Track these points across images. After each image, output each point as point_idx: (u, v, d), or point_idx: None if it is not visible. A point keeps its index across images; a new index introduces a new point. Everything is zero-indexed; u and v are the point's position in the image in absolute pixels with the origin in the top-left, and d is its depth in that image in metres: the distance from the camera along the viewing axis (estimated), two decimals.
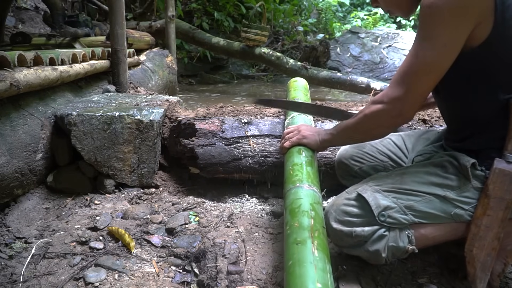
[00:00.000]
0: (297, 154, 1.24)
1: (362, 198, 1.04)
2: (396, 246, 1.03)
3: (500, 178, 0.97)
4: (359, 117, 1.10)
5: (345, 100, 5.14)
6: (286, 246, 0.91)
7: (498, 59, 0.93)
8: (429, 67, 0.94)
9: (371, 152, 1.32)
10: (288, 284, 0.79)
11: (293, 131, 1.35)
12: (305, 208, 0.98)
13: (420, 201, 1.02)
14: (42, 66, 1.66)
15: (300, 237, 0.87)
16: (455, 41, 0.90)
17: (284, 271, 0.84)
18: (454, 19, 0.88)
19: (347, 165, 1.35)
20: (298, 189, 1.08)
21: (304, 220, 0.93)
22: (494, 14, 0.87)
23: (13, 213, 1.48)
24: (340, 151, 1.42)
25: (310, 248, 0.83)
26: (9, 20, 4.70)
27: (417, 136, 1.32)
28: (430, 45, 0.92)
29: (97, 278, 1.12)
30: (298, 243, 0.85)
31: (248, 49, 4.99)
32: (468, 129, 1.04)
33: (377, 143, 1.34)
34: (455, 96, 1.04)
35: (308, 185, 1.10)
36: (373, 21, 10.00)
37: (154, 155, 1.72)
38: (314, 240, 0.86)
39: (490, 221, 0.99)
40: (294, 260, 0.82)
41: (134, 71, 2.98)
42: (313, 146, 1.27)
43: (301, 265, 0.80)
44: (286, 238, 0.94)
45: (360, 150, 1.34)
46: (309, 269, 0.78)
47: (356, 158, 1.33)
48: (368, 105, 1.07)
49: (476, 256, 1.02)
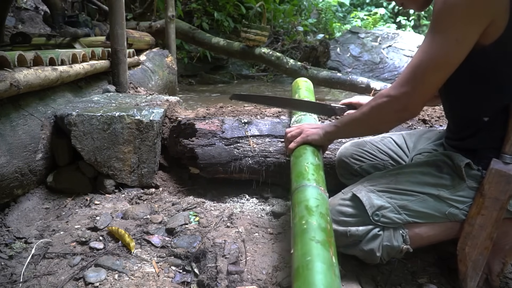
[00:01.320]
0: (312, 154, 1.20)
1: (356, 198, 1.05)
2: (391, 246, 1.03)
3: (496, 178, 0.97)
4: (365, 110, 1.08)
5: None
6: (300, 240, 0.85)
7: (509, 58, 0.92)
8: (439, 62, 0.93)
9: (371, 150, 1.32)
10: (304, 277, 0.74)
11: (295, 130, 1.32)
12: (323, 210, 0.95)
13: (414, 200, 1.02)
14: (42, 66, 1.66)
15: (319, 237, 0.83)
16: (467, 37, 0.89)
17: (296, 264, 0.79)
18: (468, 15, 0.87)
19: (348, 164, 1.35)
20: (314, 189, 1.04)
21: (322, 222, 0.90)
22: (510, 13, 0.86)
23: (13, 213, 1.48)
24: (341, 149, 1.41)
25: (329, 252, 0.81)
26: (9, 20, 4.70)
27: (418, 135, 1.32)
28: (442, 40, 0.91)
29: (97, 278, 1.12)
30: (318, 242, 0.82)
31: (248, 49, 4.99)
32: (469, 128, 1.04)
33: (378, 142, 1.33)
34: (459, 94, 1.04)
35: (324, 189, 1.07)
36: (373, 21, 10.00)
37: (154, 155, 1.72)
38: (331, 246, 0.83)
39: (484, 221, 1.00)
40: (314, 256, 0.77)
41: (134, 71, 2.98)
42: (318, 141, 1.23)
43: (322, 263, 0.76)
44: (299, 232, 0.88)
45: (360, 148, 1.33)
46: (330, 270, 0.75)
47: (357, 157, 1.33)
48: (375, 98, 1.06)
49: (468, 255, 1.03)
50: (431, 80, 0.95)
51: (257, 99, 1.68)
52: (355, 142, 1.38)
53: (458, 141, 1.09)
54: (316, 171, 1.13)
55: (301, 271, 0.76)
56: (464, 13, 0.87)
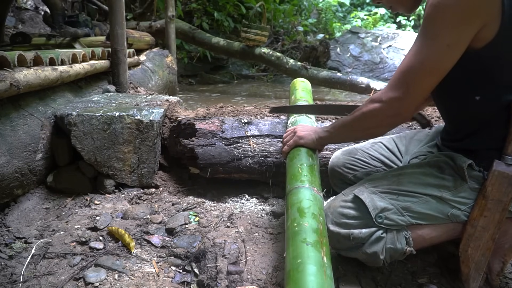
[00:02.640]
0: (306, 155, 1.21)
1: (359, 199, 1.03)
2: (394, 248, 1.02)
3: (498, 180, 0.96)
4: (357, 115, 1.07)
5: (345, 100, 5.14)
6: (292, 243, 0.87)
7: (502, 60, 0.92)
8: (430, 67, 0.93)
9: (363, 158, 1.30)
10: (295, 281, 0.75)
11: (289, 134, 1.32)
12: (315, 211, 0.95)
13: (417, 202, 1.01)
14: (42, 66, 1.66)
15: (310, 239, 0.84)
16: (459, 42, 0.89)
17: (287, 268, 0.81)
18: (460, 20, 0.86)
19: (341, 173, 1.33)
20: (307, 190, 1.05)
21: (314, 223, 0.90)
22: (502, 16, 0.85)
23: (13, 213, 1.48)
24: (332, 159, 1.39)
25: (320, 252, 0.81)
26: (9, 20, 4.70)
27: (409, 138, 1.31)
28: (432, 45, 0.90)
29: (97, 278, 1.12)
30: (309, 243, 0.83)
31: (248, 49, 4.99)
32: (467, 129, 1.03)
33: (369, 148, 1.32)
34: (455, 96, 1.03)
35: (317, 189, 1.07)
36: (373, 21, 10.00)
37: (154, 155, 1.72)
38: (323, 246, 0.84)
39: (487, 222, 0.99)
40: (304, 259, 0.78)
41: (134, 71, 2.98)
42: (311, 145, 1.24)
43: (313, 265, 0.77)
44: (291, 235, 0.89)
45: (352, 157, 1.31)
46: (320, 271, 0.76)
47: (349, 166, 1.31)
48: (366, 103, 1.05)
49: (471, 256, 1.02)
50: (422, 85, 0.95)
51: (297, 109, 1.61)
52: (346, 150, 1.36)
53: (455, 142, 1.08)
54: (309, 171, 1.13)
55: (292, 274, 0.76)
56: (454, 17, 0.86)
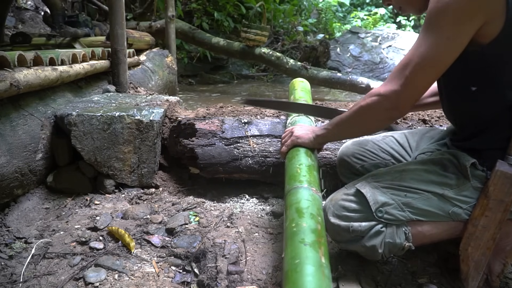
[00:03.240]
0: (304, 155, 1.21)
1: (360, 193, 1.04)
2: (393, 243, 1.03)
3: (501, 180, 0.96)
4: (354, 109, 1.07)
5: (345, 100, 5.14)
6: (290, 243, 0.87)
7: (506, 58, 0.92)
8: (430, 61, 0.92)
9: (373, 149, 1.30)
10: (293, 281, 0.75)
11: (287, 134, 1.31)
12: (313, 211, 0.95)
13: (418, 198, 1.02)
14: (42, 66, 1.66)
15: (308, 239, 0.85)
16: (459, 36, 0.89)
17: (286, 268, 0.81)
18: (460, 15, 0.87)
19: (349, 163, 1.33)
20: (306, 190, 1.05)
21: (312, 223, 0.91)
22: (506, 13, 0.86)
23: (13, 213, 1.48)
24: (342, 148, 1.39)
25: (318, 253, 0.82)
26: (9, 20, 4.70)
27: (421, 134, 1.31)
28: (433, 38, 0.91)
29: (97, 278, 1.12)
30: (307, 244, 0.83)
31: (248, 49, 4.99)
32: (473, 128, 1.03)
33: (379, 141, 1.32)
34: (461, 95, 1.03)
35: (316, 189, 1.07)
36: (373, 21, 10.00)
37: (154, 155, 1.72)
38: (321, 246, 0.84)
39: (488, 222, 0.99)
40: (302, 259, 0.79)
41: (134, 71, 2.98)
42: (308, 144, 1.23)
43: (311, 265, 0.77)
44: (289, 235, 0.90)
45: (362, 147, 1.32)
46: (319, 272, 0.76)
47: (358, 156, 1.31)
48: (365, 98, 1.05)
49: (471, 255, 1.02)
50: (421, 78, 0.95)
51: (270, 104, 1.64)
52: (356, 141, 1.37)
53: (462, 141, 1.08)
54: (308, 171, 1.13)
55: (290, 274, 0.77)
56: (456, 12, 0.87)
